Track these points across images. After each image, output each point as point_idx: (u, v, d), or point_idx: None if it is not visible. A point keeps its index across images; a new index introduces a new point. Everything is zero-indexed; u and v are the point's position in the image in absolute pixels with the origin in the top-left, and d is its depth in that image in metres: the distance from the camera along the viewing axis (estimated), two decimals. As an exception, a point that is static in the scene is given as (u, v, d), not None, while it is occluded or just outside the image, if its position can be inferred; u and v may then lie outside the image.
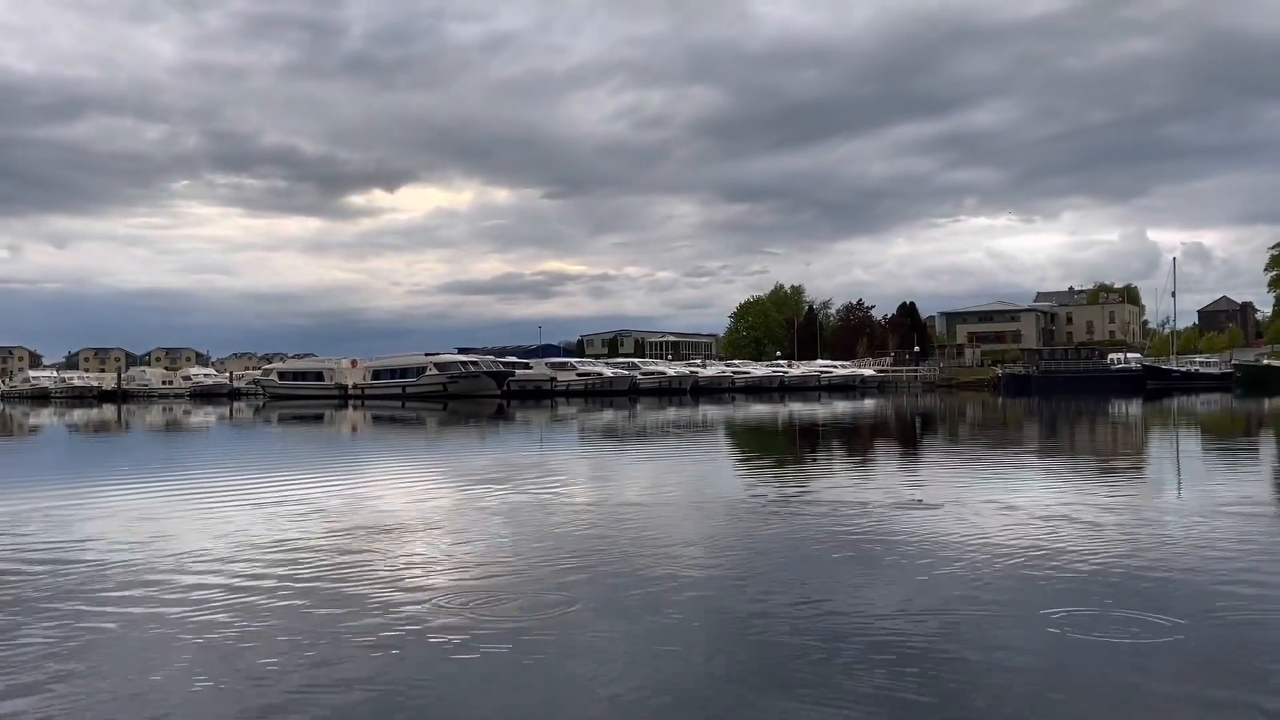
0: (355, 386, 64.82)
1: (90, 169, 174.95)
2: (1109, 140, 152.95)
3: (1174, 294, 78.64)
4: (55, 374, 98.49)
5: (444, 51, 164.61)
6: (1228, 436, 21.39)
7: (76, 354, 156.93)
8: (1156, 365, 69.06)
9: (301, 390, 67.68)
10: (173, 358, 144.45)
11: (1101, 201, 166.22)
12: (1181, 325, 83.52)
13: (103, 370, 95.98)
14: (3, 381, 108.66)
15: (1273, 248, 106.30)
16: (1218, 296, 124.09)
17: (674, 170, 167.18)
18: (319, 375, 69.07)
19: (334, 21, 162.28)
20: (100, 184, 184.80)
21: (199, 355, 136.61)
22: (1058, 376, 67.42)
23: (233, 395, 78.85)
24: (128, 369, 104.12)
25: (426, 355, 65.07)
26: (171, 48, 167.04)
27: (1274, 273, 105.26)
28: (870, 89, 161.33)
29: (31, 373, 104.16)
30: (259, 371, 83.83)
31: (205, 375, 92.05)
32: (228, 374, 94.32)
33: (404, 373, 63.08)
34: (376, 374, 65.45)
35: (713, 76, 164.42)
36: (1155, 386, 60.26)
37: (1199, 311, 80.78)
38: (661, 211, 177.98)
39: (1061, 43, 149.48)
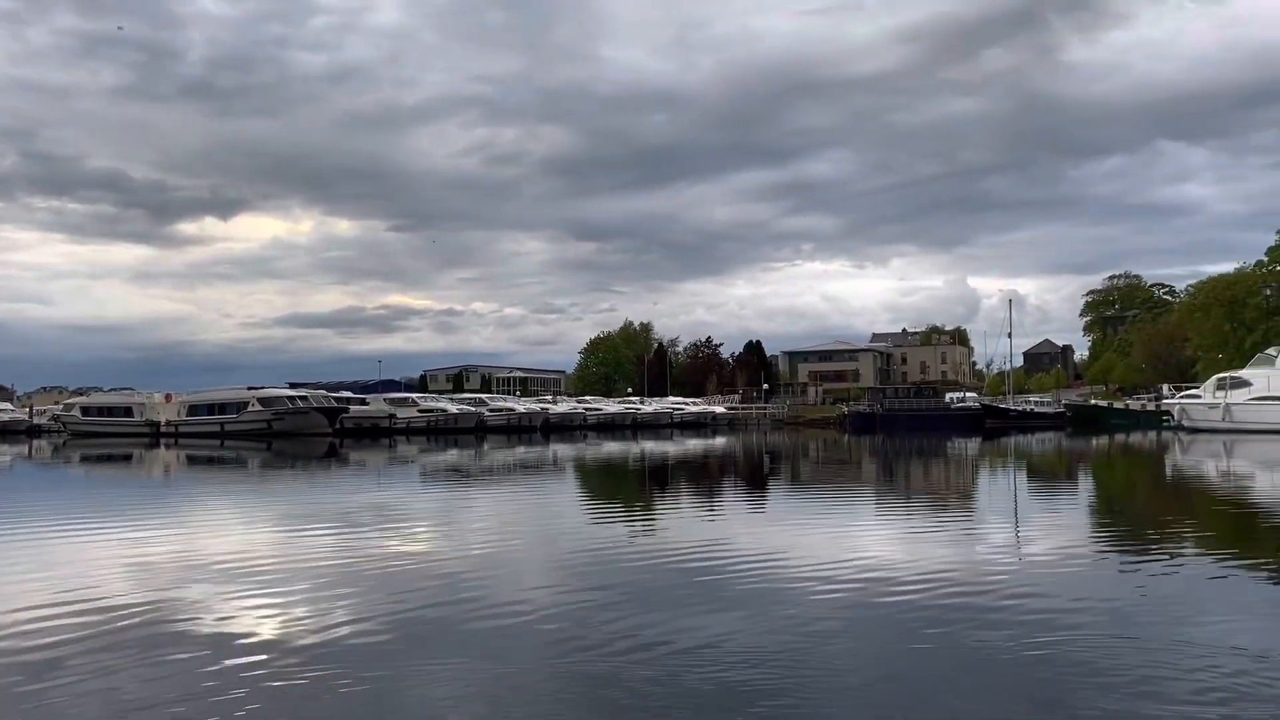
0: (169, 424, 61.10)
1: None
2: (935, 192, 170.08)
3: (1010, 335, 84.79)
4: None
5: (288, 80, 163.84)
6: (1061, 475, 23.23)
7: None
8: (995, 404, 74.00)
9: (107, 427, 63.21)
10: None
11: (928, 249, 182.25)
12: (1008, 366, 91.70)
13: None
14: None
15: (1086, 294, 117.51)
16: (1040, 340, 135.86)
17: (524, 207, 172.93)
18: (128, 410, 64.69)
19: (172, 45, 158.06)
20: None
21: (2, 389, 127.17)
22: (901, 415, 71.03)
23: (32, 433, 72.71)
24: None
25: (249, 389, 61.65)
26: None
27: (1088, 318, 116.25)
28: (715, 136, 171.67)
29: None
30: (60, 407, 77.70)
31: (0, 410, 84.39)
32: (28, 409, 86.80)
33: (223, 408, 59.84)
34: (193, 409, 61.76)
35: (564, 117, 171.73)
36: (994, 425, 64.44)
37: (1024, 353, 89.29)
38: (510, 248, 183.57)
39: (892, 99, 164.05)
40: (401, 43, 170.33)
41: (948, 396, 78.35)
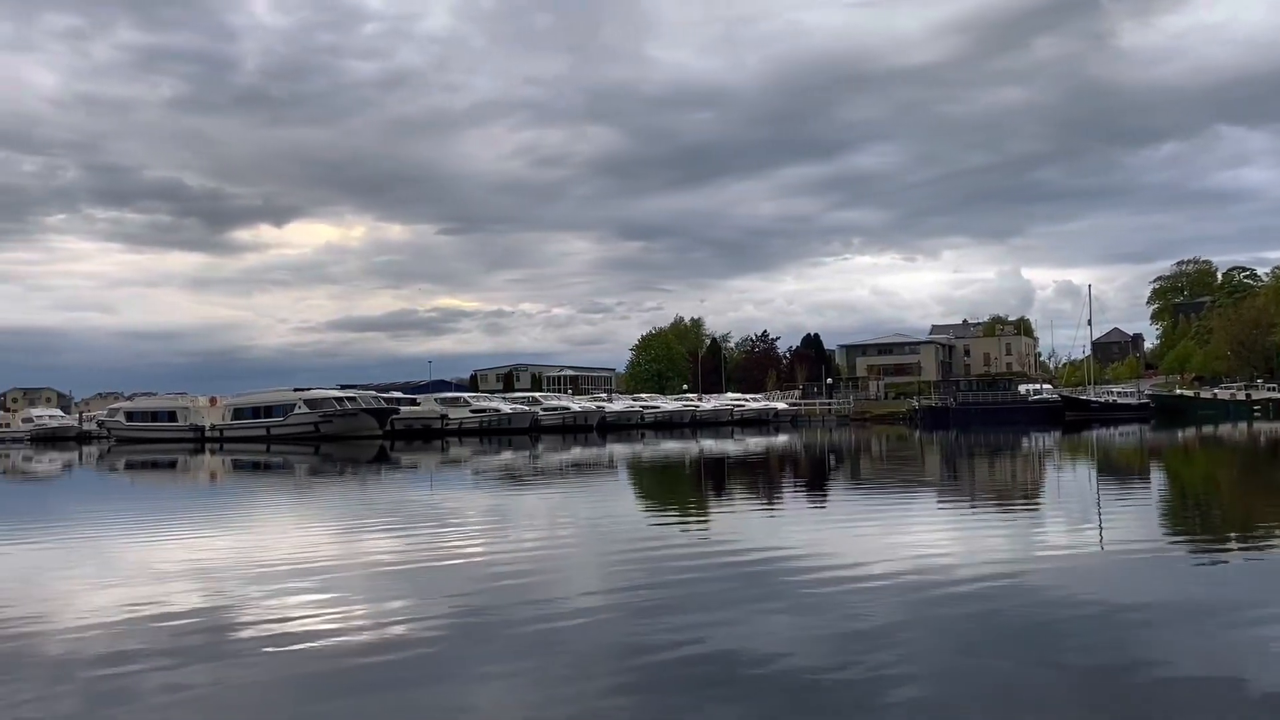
0: (213, 428, 62.43)
1: None
2: (986, 183, 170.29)
3: (1090, 323, 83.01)
4: None
5: (340, 88, 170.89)
6: (1169, 469, 22.85)
7: None
8: (1075, 396, 72.66)
9: (152, 432, 64.80)
10: (30, 398, 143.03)
11: (979, 241, 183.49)
12: (1075, 357, 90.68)
13: None
14: None
15: (1154, 281, 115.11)
16: (1109, 329, 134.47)
17: (570, 208, 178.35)
18: (172, 415, 66.15)
19: (227, 56, 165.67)
20: None
21: (60, 396, 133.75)
22: (974, 408, 70.17)
23: (81, 439, 75.14)
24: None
25: (296, 391, 62.29)
26: (54, 79, 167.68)
27: (1155, 305, 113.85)
28: (761, 132, 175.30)
29: None
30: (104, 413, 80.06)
31: (49, 416, 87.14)
32: (78, 415, 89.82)
33: (269, 411, 60.61)
34: (238, 413, 62.81)
35: (610, 117, 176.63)
36: (1074, 417, 63.33)
37: (1092, 343, 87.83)
38: (557, 248, 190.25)
39: (941, 90, 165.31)
40: (451, 48, 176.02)
41: (1022, 388, 77.11)
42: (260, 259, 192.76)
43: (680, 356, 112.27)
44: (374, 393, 67.56)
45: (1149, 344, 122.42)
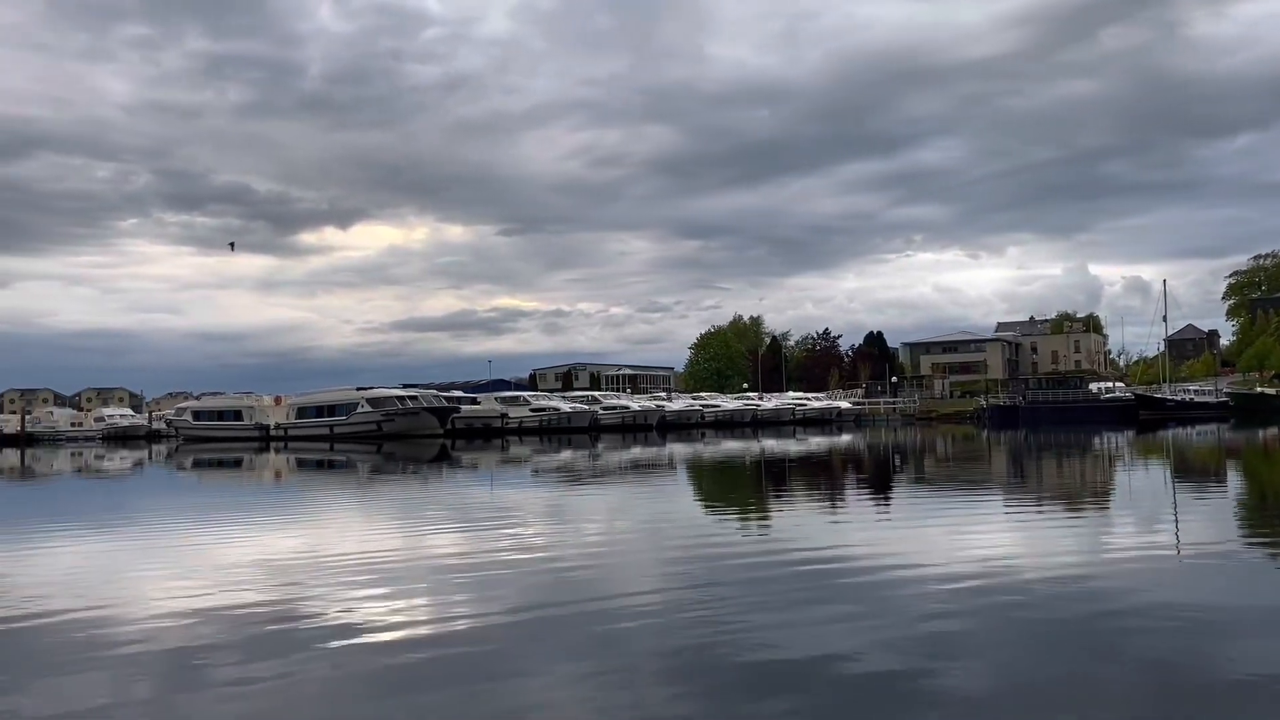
0: (278, 426, 63.77)
1: (36, 208, 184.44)
2: (1052, 177, 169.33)
3: (1165, 319, 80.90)
4: None
5: (401, 92, 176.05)
6: (1248, 470, 22.25)
7: (0, 395, 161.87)
8: (1149, 394, 70.89)
9: (218, 431, 66.43)
10: (104, 398, 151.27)
11: (1045, 237, 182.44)
12: (1147, 354, 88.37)
13: (29, 412, 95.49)
14: None
15: (1229, 276, 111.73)
16: (1183, 325, 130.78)
17: (628, 207, 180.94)
18: (237, 414, 67.80)
19: (292, 62, 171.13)
20: (46, 223, 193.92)
21: (132, 395, 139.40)
22: (1044, 407, 68.85)
23: (150, 437, 77.46)
24: (33, 410, 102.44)
25: (359, 390, 63.46)
26: (126, 87, 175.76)
27: (1231, 301, 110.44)
28: (821, 128, 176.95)
29: None
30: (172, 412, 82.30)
31: (120, 416, 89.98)
32: (148, 415, 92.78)
33: (332, 410, 61.78)
34: (302, 412, 64.10)
35: (668, 116, 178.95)
36: (1149, 417, 61.81)
37: (1164, 340, 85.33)
38: (615, 248, 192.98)
39: (1005, 84, 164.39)
40: (510, 50, 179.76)
41: (1093, 387, 75.45)
42: (325, 261, 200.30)
43: (740, 355, 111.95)
44: (435, 392, 68.40)
45: (1224, 340, 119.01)
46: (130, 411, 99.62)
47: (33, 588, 8.56)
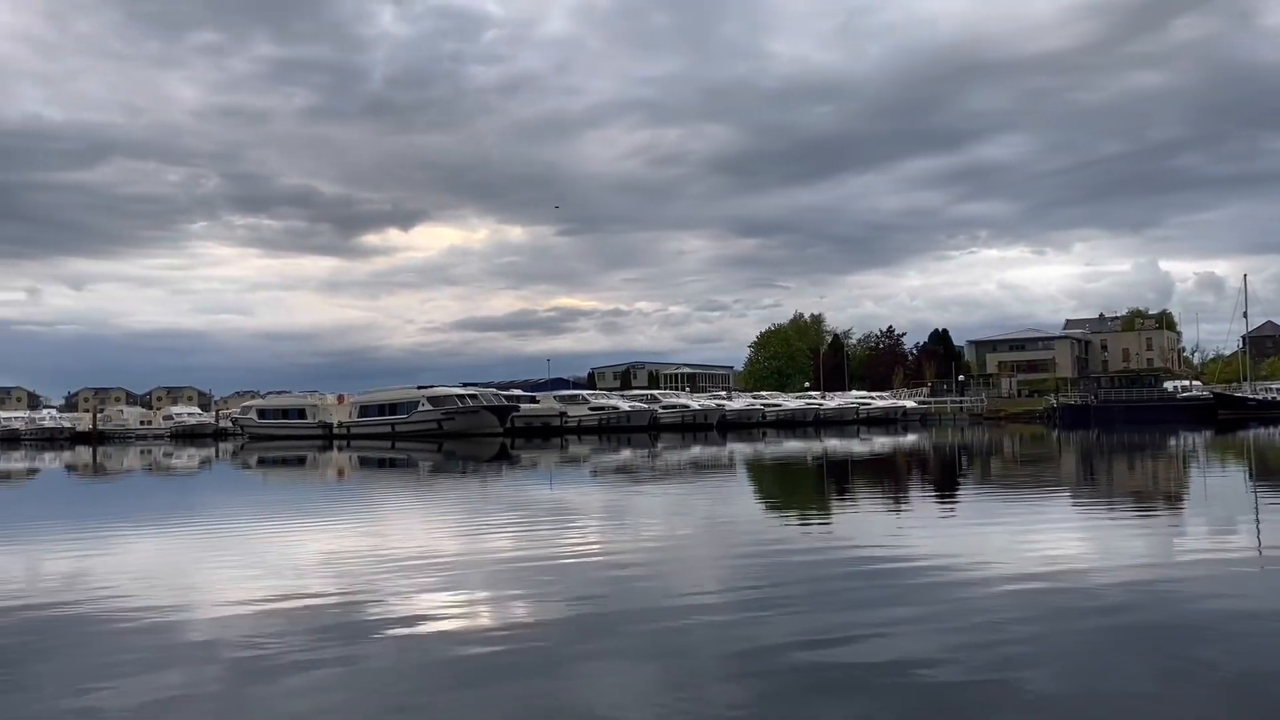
0: (341, 425, 64.86)
1: (110, 212, 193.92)
2: (1120, 172, 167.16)
3: (1245, 315, 78.57)
4: (27, 414, 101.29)
5: (463, 94, 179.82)
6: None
7: (76, 394, 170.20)
8: (1228, 393, 68.95)
9: (282, 429, 67.79)
10: (174, 397, 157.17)
11: (1114, 232, 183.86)
12: (1223, 351, 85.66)
13: (101, 411, 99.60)
14: None
15: None
16: (1262, 322, 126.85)
17: (687, 206, 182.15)
18: (301, 413, 69.09)
19: (356, 65, 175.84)
20: (120, 226, 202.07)
21: (201, 394, 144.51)
22: (1117, 406, 67.40)
23: (217, 435, 79.47)
24: (103, 408, 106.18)
25: (419, 388, 64.21)
26: (195, 92, 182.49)
27: None
28: (882, 124, 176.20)
29: (2, 414, 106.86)
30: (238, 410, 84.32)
31: (188, 414, 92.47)
32: (215, 413, 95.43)
33: (394, 409, 62.64)
34: (364, 410, 65.08)
35: (727, 114, 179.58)
36: (1229, 416, 60.14)
37: (1242, 337, 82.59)
38: (673, 247, 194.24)
39: (1072, 77, 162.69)
40: (569, 51, 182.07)
41: (1168, 385, 73.59)
42: (388, 262, 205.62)
43: (801, 353, 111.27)
44: (494, 390, 69.00)
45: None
46: (198, 410, 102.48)
47: (107, 582, 8.85)
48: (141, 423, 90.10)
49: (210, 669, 5.58)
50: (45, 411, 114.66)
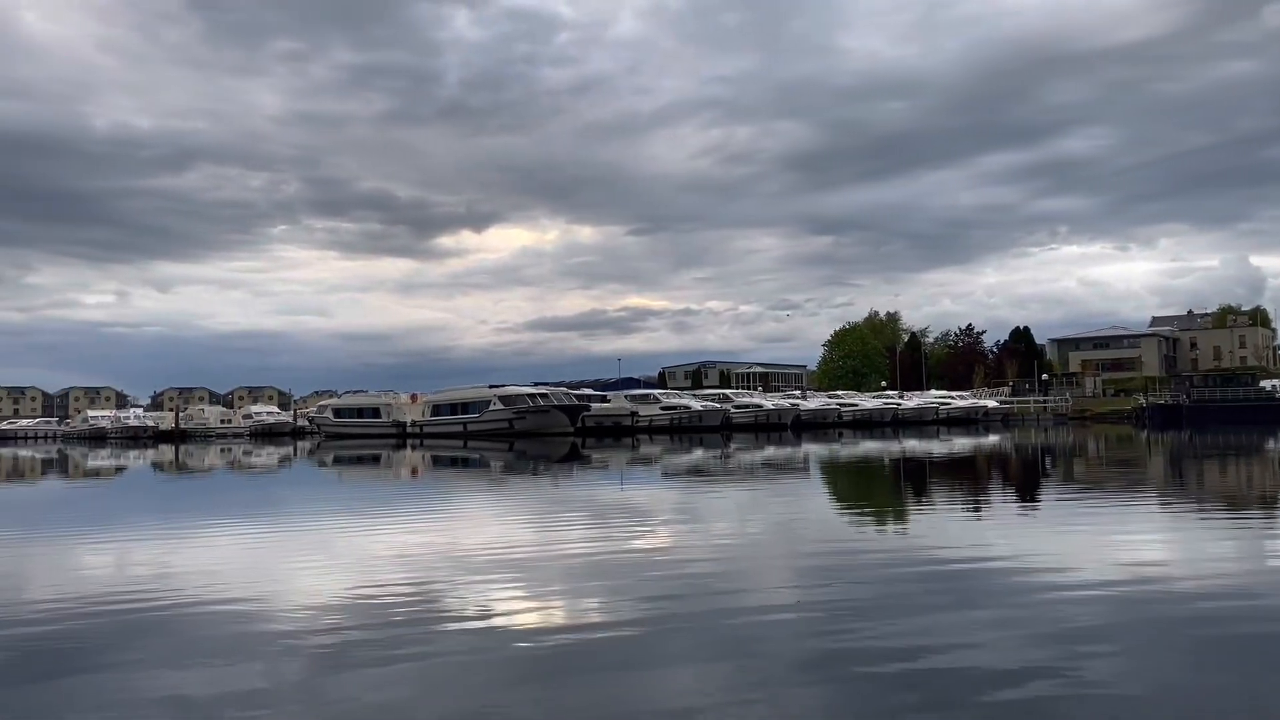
0: (414, 424, 65.99)
1: (195, 216, 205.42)
2: (1208, 164, 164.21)
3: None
4: (113, 414, 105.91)
5: (535, 96, 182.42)
6: None
7: (161, 394, 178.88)
8: (1332, 393, 66.41)
9: (357, 428, 69.28)
10: (254, 396, 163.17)
11: (1201, 227, 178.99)
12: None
13: (184, 410, 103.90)
14: (62, 422, 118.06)
15: None
16: None
17: (758, 205, 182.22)
18: (375, 411, 70.52)
19: (431, 70, 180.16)
20: (204, 230, 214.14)
21: (281, 394, 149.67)
22: (1212, 406, 65.34)
23: (295, 434, 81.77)
24: (185, 408, 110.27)
25: (490, 387, 65.10)
26: (277, 99, 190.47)
27: None
28: (958, 119, 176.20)
29: (90, 412, 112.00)
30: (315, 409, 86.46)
31: (267, 413, 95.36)
32: (293, 412, 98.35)
33: (465, 408, 63.54)
34: (436, 409, 66.12)
35: (800, 111, 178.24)
36: (1336, 418, 57.92)
37: None
38: (744, 245, 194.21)
39: (1156, 67, 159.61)
40: (640, 51, 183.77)
41: (1265, 384, 71.05)
42: (462, 263, 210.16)
43: (876, 352, 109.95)
44: (565, 390, 69.44)
45: None
46: (276, 409, 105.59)
47: (193, 576, 9.17)
48: (221, 421, 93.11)
49: (290, 661, 5.78)
50: (131, 411, 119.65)
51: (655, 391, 74.69)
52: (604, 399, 68.61)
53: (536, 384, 71.01)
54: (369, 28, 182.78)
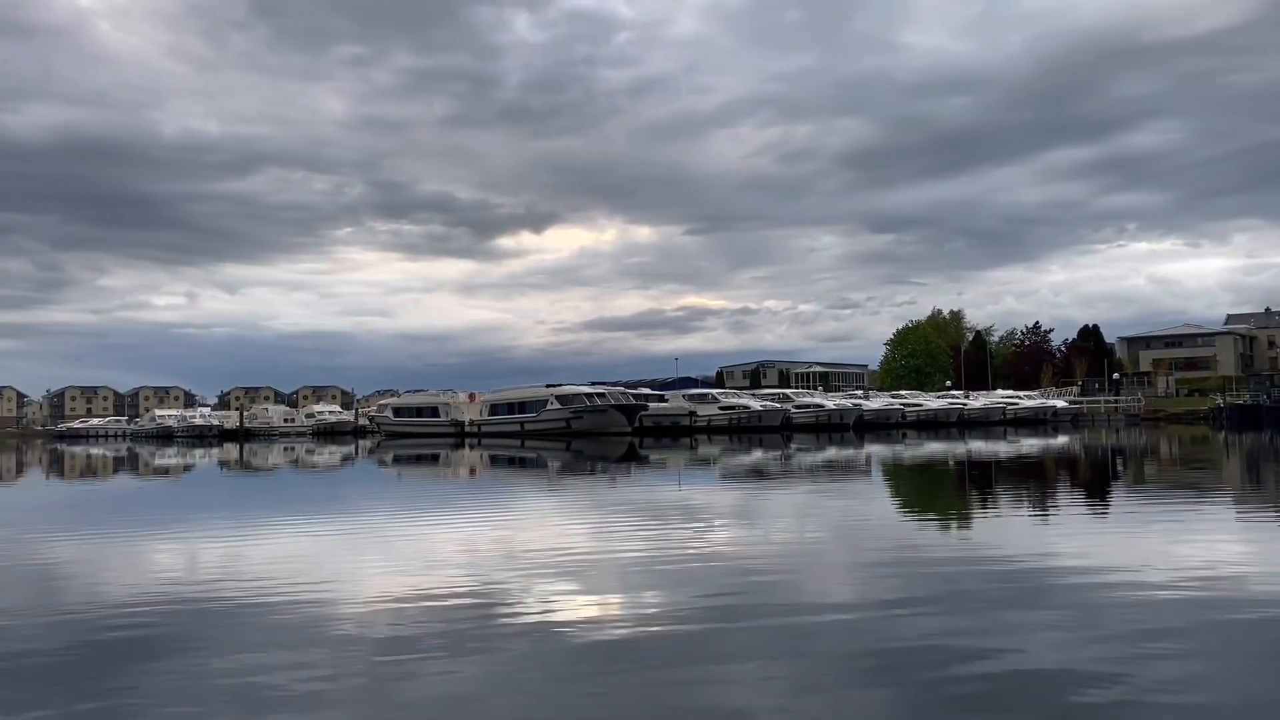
0: (472, 423, 66.73)
1: (262, 219, 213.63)
2: None
3: None
4: (180, 413, 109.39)
5: (594, 97, 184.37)
6: None
7: (228, 393, 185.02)
8: None
9: (416, 427, 70.29)
10: (318, 396, 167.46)
11: (1276, 222, 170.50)
12: None
13: (248, 409, 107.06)
14: (131, 421, 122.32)
15: None
16: None
17: (817, 203, 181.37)
18: (434, 411, 71.48)
19: (492, 73, 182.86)
20: (270, 233, 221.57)
21: (344, 393, 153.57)
22: (1293, 407, 63.52)
23: (357, 433, 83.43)
24: (251, 407, 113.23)
25: (548, 387, 65.67)
26: (341, 104, 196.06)
27: None
28: (1023, 114, 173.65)
29: (158, 412, 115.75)
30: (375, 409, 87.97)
31: (329, 413, 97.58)
32: (355, 411, 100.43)
33: (523, 407, 64.09)
34: (494, 409, 66.79)
35: (860, 108, 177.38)
36: None
37: None
38: (804, 244, 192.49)
39: (1229, 58, 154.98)
40: (699, 51, 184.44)
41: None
42: (522, 264, 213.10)
43: (940, 351, 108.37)
44: (622, 389, 69.62)
45: None
46: (338, 408, 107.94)
47: (258, 571, 9.44)
48: (285, 420, 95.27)
49: (355, 654, 5.95)
50: (197, 410, 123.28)
51: (714, 391, 74.48)
52: (661, 399, 68.61)
53: (594, 384, 71.27)
54: (430, 32, 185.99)
